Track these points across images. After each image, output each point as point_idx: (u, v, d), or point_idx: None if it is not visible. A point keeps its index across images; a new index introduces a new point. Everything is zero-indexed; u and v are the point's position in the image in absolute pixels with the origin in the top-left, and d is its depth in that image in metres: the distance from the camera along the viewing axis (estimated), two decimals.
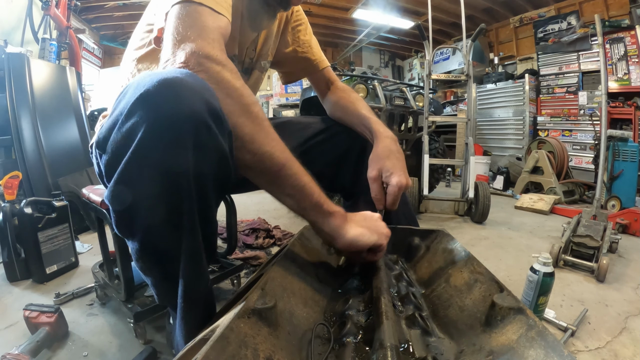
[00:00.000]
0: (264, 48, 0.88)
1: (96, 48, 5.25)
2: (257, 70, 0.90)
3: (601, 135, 1.88)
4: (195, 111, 0.41)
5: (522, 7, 4.75)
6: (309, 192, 0.53)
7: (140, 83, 0.42)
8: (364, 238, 0.56)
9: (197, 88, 0.43)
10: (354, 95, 0.92)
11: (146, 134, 0.40)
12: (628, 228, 1.97)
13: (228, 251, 1.17)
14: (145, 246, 0.49)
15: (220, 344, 0.30)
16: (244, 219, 2.01)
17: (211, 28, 0.51)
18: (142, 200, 0.44)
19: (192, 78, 0.44)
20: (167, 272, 0.49)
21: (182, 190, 0.44)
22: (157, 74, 0.42)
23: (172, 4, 0.52)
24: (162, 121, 0.41)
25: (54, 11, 2.27)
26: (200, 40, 0.49)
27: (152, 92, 0.41)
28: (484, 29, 2.18)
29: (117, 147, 0.43)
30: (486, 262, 0.71)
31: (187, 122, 0.41)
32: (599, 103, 3.75)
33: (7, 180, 1.28)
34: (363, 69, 3.98)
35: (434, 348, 0.42)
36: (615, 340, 0.92)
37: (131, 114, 0.41)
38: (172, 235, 0.46)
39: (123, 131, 0.42)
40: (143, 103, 0.41)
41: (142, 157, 0.42)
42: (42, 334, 0.81)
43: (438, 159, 2.41)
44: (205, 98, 0.43)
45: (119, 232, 0.49)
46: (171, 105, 0.41)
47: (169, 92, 0.41)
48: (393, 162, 0.71)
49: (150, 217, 0.45)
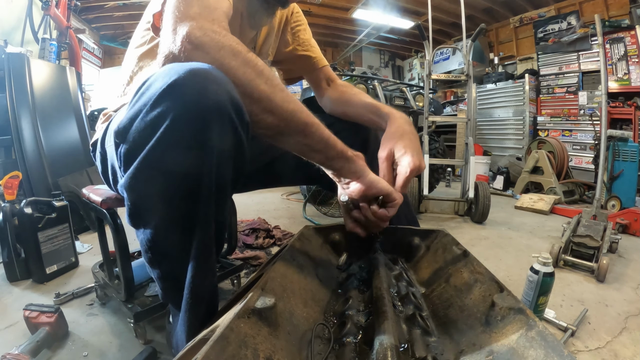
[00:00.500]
0: (264, 47, 0.88)
1: (96, 48, 5.24)
2: None
3: (601, 135, 1.88)
4: (221, 102, 0.42)
5: (522, 7, 4.75)
6: (333, 143, 0.56)
7: (167, 74, 0.42)
8: (382, 183, 0.60)
9: (222, 80, 0.43)
10: (356, 89, 0.93)
11: (174, 122, 0.41)
12: (628, 228, 1.97)
13: (228, 251, 1.17)
14: (157, 237, 0.48)
15: (220, 344, 0.30)
16: (244, 219, 2.01)
17: (214, 7, 0.51)
18: (160, 189, 0.44)
19: (216, 71, 0.44)
20: (175, 266, 0.49)
21: (202, 182, 0.44)
22: (183, 66, 0.42)
23: None
24: (190, 110, 0.41)
25: (54, 11, 2.27)
26: (201, 19, 0.48)
27: (180, 81, 0.41)
28: (484, 29, 2.19)
29: (141, 135, 0.43)
30: (486, 262, 0.71)
31: (214, 112, 0.41)
32: (599, 103, 3.75)
33: (7, 180, 1.28)
34: (363, 69, 3.98)
35: (434, 348, 0.42)
36: (615, 340, 0.92)
37: (158, 102, 0.41)
38: (186, 228, 0.46)
39: (148, 119, 0.42)
40: (171, 92, 0.41)
41: (167, 145, 0.42)
42: (42, 334, 0.81)
43: (438, 159, 2.41)
44: (228, 90, 0.43)
45: (131, 222, 0.49)
46: (199, 95, 0.41)
47: (197, 82, 0.41)
48: (406, 142, 0.69)
49: (166, 208, 0.45)
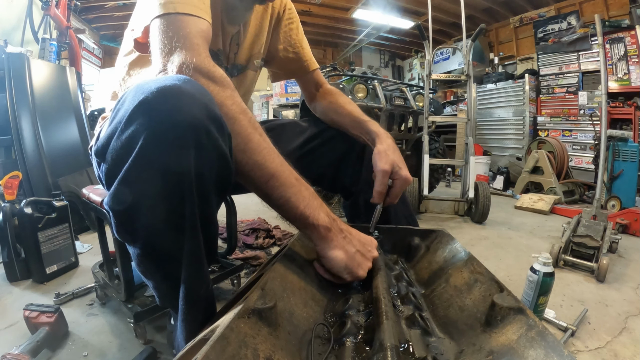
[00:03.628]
0: (255, 47, 0.86)
1: (96, 48, 5.25)
2: (250, 70, 0.89)
3: (601, 135, 1.88)
4: (195, 117, 0.42)
5: (522, 7, 4.75)
6: (294, 205, 0.53)
7: (138, 91, 0.43)
8: (336, 265, 0.55)
9: (195, 94, 0.43)
10: (343, 99, 0.91)
11: (147, 141, 0.41)
12: (628, 228, 1.97)
13: (228, 251, 1.17)
14: (147, 251, 0.49)
15: (220, 344, 0.30)
16: (244, 219, 2.01)
17: (194, 35, 0.53)
18: (143, 206, 0.44)
19: (190, 84, 0.44)
20: (169, 275, 0.49)
21: (184, 196, 0.44)
22: (154, 81, 0.43)
23: (152, 18, 0.53)
24: (163, 128, 0.41)
25: (54, 11, 2.27)
26: (186, 51, 0.50)
27: (150, 99, 0.41)
28: (484, 29, 2.18)
29: (118, 154, 0.43)
30: (486, 262, 0.71)
31: (188, 128, 0.41)
32: (599, 103, 3.75)
33: (7, 180, 1.28)
34: (363, 69, 3.98)
35: (434, 348, 0.42)
36: (615, 340, 0.92)
37: (130, 121, 0.42)
38: (174, 240, 0.46)
39: (123, 139, 0.42)
40: (142, 110, 0.41)
41: (143, 164, 0.42)
42: (42, 334, 0.80)
43: (438, 159, 2.41)
44: (204, 103, 0.43)
45: (120, 238, 0.49)
46: (170, 112, 0.41)
47: (168, 99, 0.41)
48: (400, 158, 0.75)
49: (151, 223, 0.45)
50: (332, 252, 0.55)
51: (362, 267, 0.56)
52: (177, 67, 0.49)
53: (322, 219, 0.55)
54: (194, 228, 0.46)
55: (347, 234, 0.57)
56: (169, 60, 0.50)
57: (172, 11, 0.52)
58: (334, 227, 0.56)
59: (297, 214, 0.54)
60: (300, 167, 0.60)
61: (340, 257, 0.55)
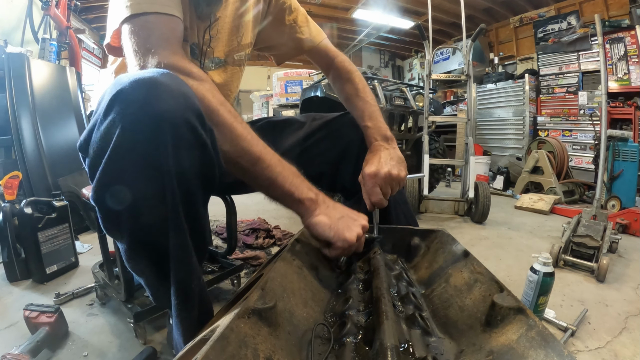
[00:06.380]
0: (233, 40, 0.82)
1: (96, 48, 5.24)
2: (230, 65, 0.85)
3: (601, 135, 1.88)
4: (173, 108, 0.42)
5: (522, 7, 4.75)
6: (280, 184, 0.56)
7: (116, 83, 0.43)
8: (320, 228, 0.58)
9: (172, 85, 0.43)
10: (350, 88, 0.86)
11: (123, 132, 0.41)
12: (628, 228, 1.97)
13: (228, 251, 1.17)
14: (134, 246, 0.48)
15: (220, 344, 0.30)
16: (244, 219, 2.01)
17: (165, 33, 0.53)
18: (125, 199, 0.44)
19: (168, 77, 0.44)
20: (159, 272, 0.49)
21: (164, 187, 0.43)
22: (132, 75, 0.43)
23: (120, 22, 0.53)
24: (139, 117, 0.41)
25: (54, 11, 2.27)
26: (160, 50, 0.51)
27: (126, 90, 0.41)
28: (484, 29, 2.18)
29: (98, 146, 0.44)
30: (486, 262, 0.71)
31: (163, 118, 0.41)
32: (599, 103, 3.75)
33: (7, 180, 1.28)
34: (363, 69, 3.98)
35: (434, 348, 0.42)
36: (615, 340, 0.92)
37: (107, 113, 0.42)
38: (159, 234, 0.46)
39: (101, 130, 0.43)
40: (118, 102, 0.41)
41: (120, 155, 0.42)
42: (42, 334, 0.81)
43: (438, 159, 2.41)
44: (182, 92, 0.44)
45: (107, 233, 0.49)
46: (147, 102, 0.41)
47: (143, 90, 0.41)
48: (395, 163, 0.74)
49: (134, 216, 0.45)
50: (316, 218, 0.58)
51: (350, 230, 0.58)
52: (153, 67, 0.50)
53: (306, 193, 0.58)
54: (178, 222, 0.46)
55: (330, 204, 0.61)
56: (144, 62, 0.51)
57: (139, 12, 0.52)
58: (319, 198, 0.59)
59: (284, 191, 0.56)
60: (299, 165, 0.61)
61: (323, 221, 0.57)
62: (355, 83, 0.87)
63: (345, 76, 0.88)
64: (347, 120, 0.87)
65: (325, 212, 0.59)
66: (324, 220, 0.57)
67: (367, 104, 0.83)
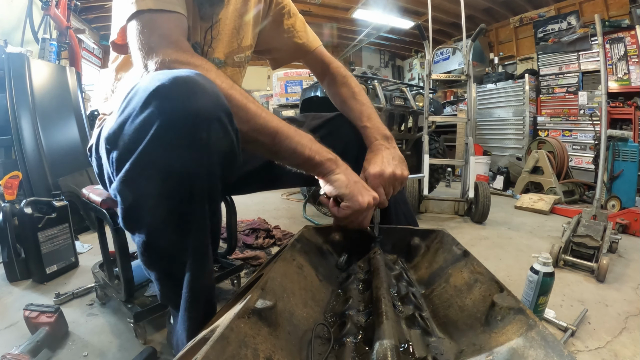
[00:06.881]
0: (234, 41, 0.83)
1: (96, 48, 5.24)
2: (230, 66, 0.86)
3: (601, 135, 1.88)
4: (208, 106, 0.43)
5: (522, 7, 4.75)
6: (300, 151, 0.59)
7: (153, 79, 0.43)
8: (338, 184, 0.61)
9: (207, 85, 0.45)
10: (350, 90, 0.87)
11: (162, 127, 0.41)
12: (628, 228, 1.97)
13: (228, 251, 1.17)
14: (152, 240, 0.49)
15: (220, 344, 0.30)
16: (244, 219, 2.01)
17: (170, 30, 0.54)
18: (153, 191, 0.44)
19: (202, 77, 0.45)
20: (172, 267, 0.50)
21: (194, 184, 0.44)
22: (169, 72, 0.44)
23: (127, 18, 0.54)
24: (177, 114, 0.42)
25: (54, 11, 2.27)
26: (164, 48, 0.52)
27: (167, 86, 0.42)
28: (484, 29, 2.18)
29: (130, 140, 0.44)
30: (486, 262, 0.71)
31: (202, 116, 0.42)
32: (599, 103, 3.75)
33: (7, 180, 1.28)
34: (363, 69, 3.98)
35: (434, 348, 0.42)
36: (615, 340, 0.92)
37: (145, 106, 0.42)
38: (180, 229, 0.47)
39: (137, 123, 0.43)
40: (158, 96, 0.42)
41: (156, 148, 0.42)
42: (42, 334, 0.80)
43: (438, 159, 2.40)
44: (216, 94, 0.45)
45: (126, 226, 0.49)
46: (186, 100, 0.42)
47: (183, 87, 0.43)
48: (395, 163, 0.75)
49: (159, 210, 0.46)
50: (336, 175, 0.61)
51: (363, 195, 0.61)
52: (157, 64, 0.50)
53: (326, 155, 0.61)
54: (203, 218, 0.47)
55: (349, 168, 0.64)
56: (148, 58, 0.51)
57: (145, 8, 0.53)
58: (338, 160, 0.63)
59: (305, 158, 0.59)
60: None
61: (342, 178, 0.61)
62: (351, 87, 0.88)
63: (341, 80, 0.89)
64: (347, 120, 0.87)
65: (345, 172, 0.62)
66: (342, 178, 0.61)
67: (364, 106, 0.84)
